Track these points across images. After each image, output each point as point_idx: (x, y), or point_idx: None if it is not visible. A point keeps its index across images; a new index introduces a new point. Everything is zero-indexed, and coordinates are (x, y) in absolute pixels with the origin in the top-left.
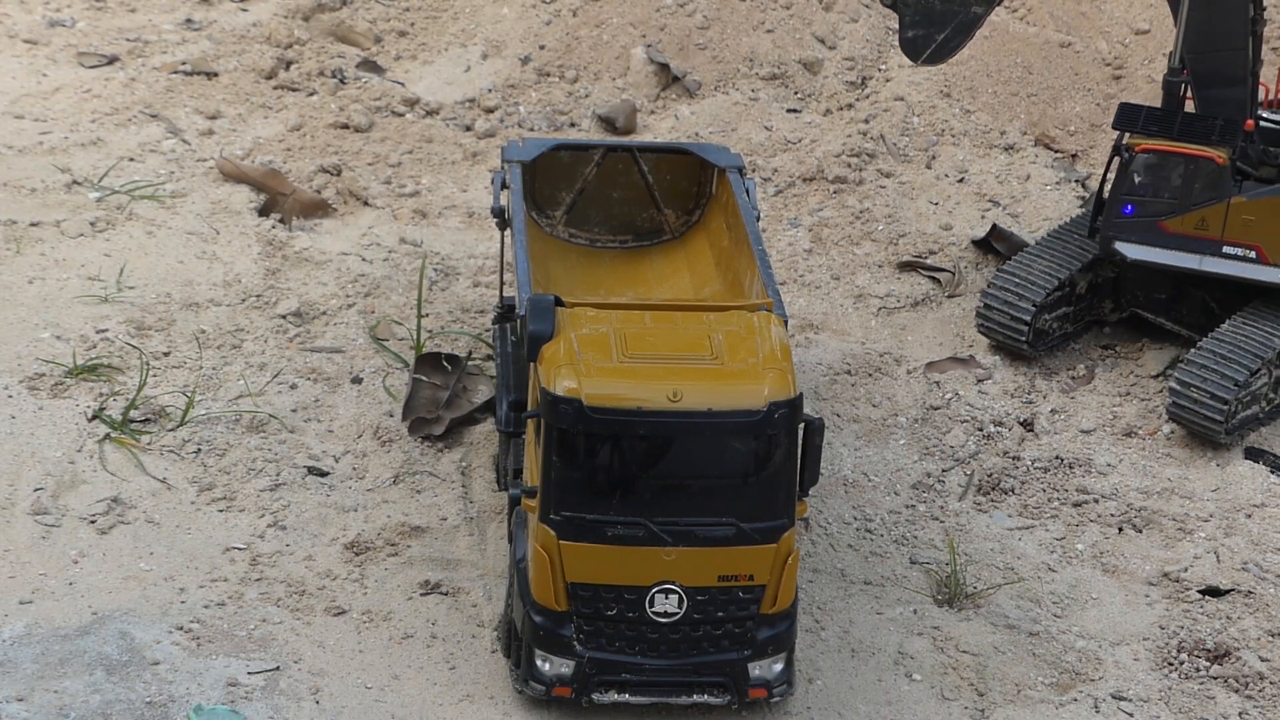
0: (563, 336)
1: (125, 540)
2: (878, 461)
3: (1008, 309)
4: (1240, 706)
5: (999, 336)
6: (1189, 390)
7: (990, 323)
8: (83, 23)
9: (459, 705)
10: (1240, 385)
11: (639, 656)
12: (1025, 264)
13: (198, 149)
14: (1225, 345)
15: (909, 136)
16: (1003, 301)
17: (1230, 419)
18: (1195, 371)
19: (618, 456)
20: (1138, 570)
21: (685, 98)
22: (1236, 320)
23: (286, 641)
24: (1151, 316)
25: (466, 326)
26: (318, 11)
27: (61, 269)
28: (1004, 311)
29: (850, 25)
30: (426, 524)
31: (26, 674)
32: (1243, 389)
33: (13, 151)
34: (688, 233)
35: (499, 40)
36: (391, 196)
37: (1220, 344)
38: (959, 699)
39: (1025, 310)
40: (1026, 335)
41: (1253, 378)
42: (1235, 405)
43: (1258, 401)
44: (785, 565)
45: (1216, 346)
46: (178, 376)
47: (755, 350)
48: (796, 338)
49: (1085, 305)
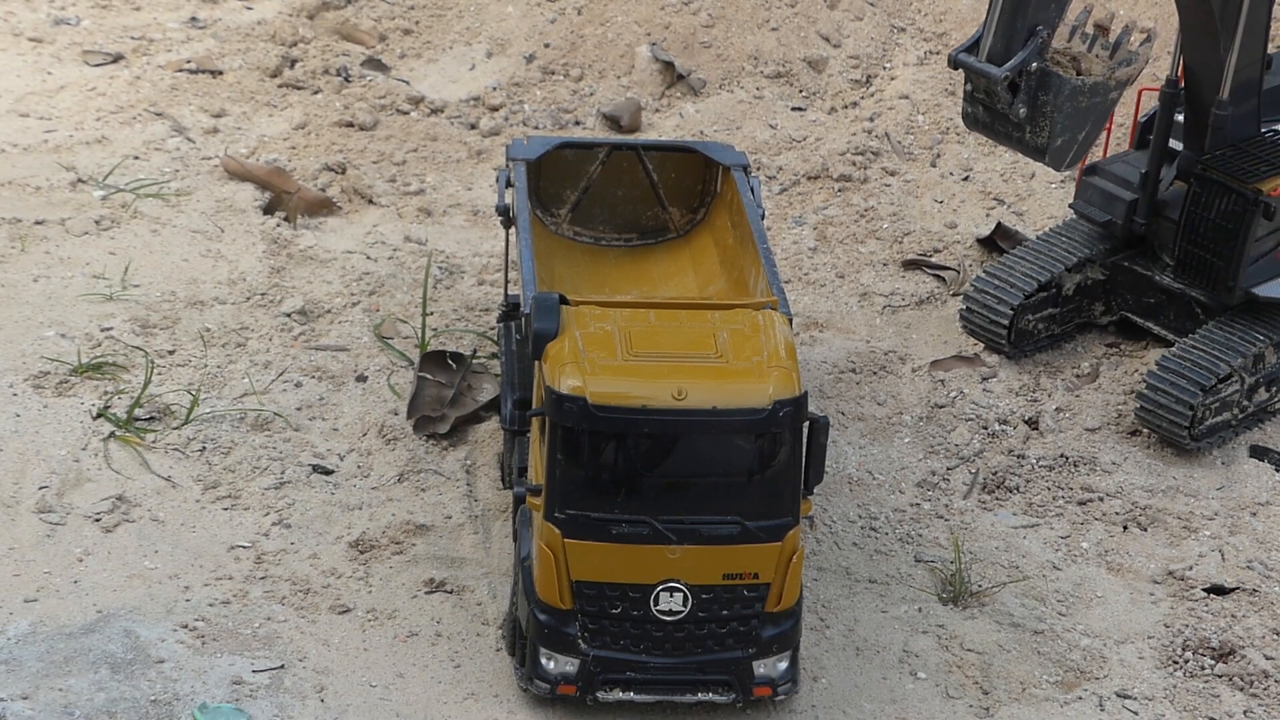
0: (567, 335)
1: (130, 538)
2: (882, 460)
3: (987, 311)
4: (1245, 705)
5: (981, 337)
6: (1155, 395)
7: (971, 323)
8: (87, 21)
9: (464, 703)
10: (1206, 391)
11: (644, 655)
12: (1008, 265)
13: (202, 147)
14: (1195, 351)
15: (914, 134)
16: (982, 304)
17: (1196, 425)
18: (1163, 377)
19: (622, 454)
20: (1142, 568)
21: (690, 96)
22: (1210, 327)
23: (291, 640)
24: (1140, 320)
25: (471, 325)
26: (322, 10)
27: (66, 267)
28: (983, 314)
29: (855, 23)
30: (431, 522)
31: (31, 672)
32: (1209, 395)
33: (17, 149)
34: (692, 231)
35: (504, 38)
36: (396, 195)
37: (1190, 350)
38: (964, 697)
39: (1003, 313)
40: (1007, 336)
41: (1221, 384)
42: (1201, 411)
43: (1229, 409)
44: (790, 563)
45: (1186, 352)
46: (182, 375)
47: (760, 348)
48: (801, 336)
49: (1074, 307)
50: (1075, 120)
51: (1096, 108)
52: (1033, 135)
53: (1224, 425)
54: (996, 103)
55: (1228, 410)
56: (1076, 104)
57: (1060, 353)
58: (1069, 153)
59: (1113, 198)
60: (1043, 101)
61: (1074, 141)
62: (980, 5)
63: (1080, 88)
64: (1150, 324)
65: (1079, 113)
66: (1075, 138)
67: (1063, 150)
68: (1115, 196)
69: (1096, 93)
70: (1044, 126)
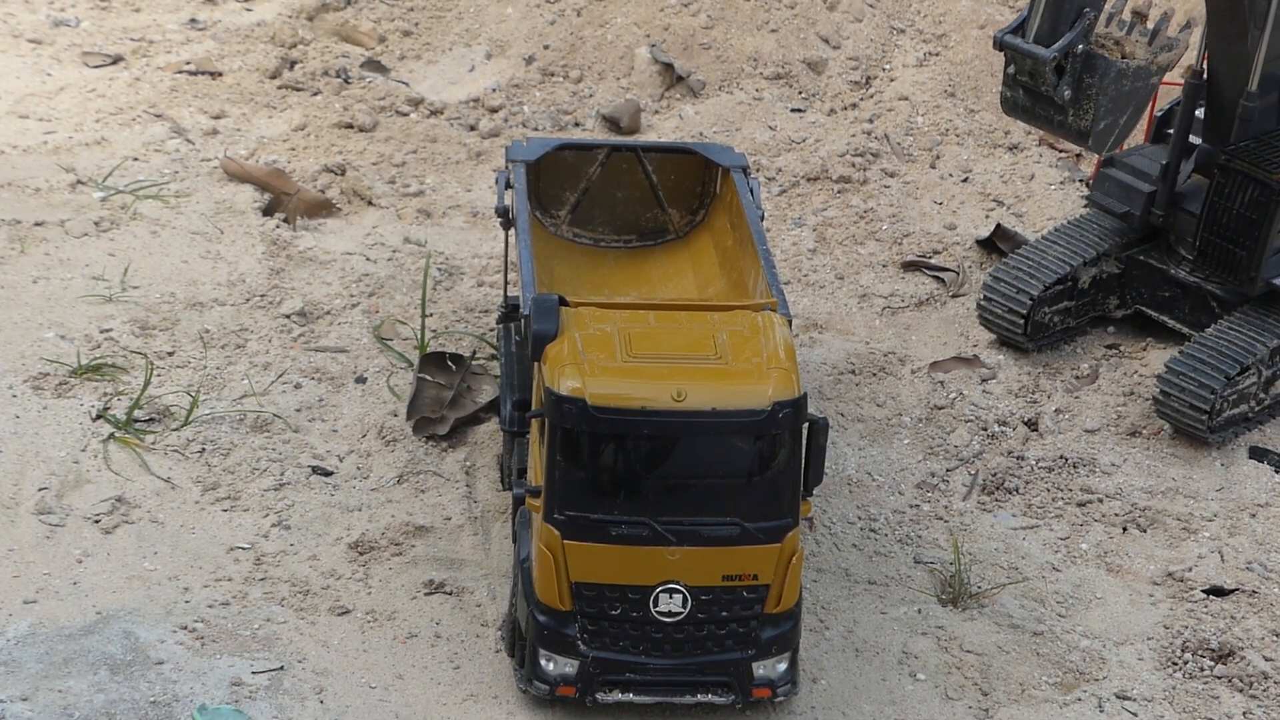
0: (567, 336)
1: (129, 540)
2: (882, 461)
3: (1006, 301)
4: (1244, 706)
5: (997, 328)
6: (1179, 381)
7: (989, 314)
8: (87, 22)
9: (463, 705)
10: (1229, 381)
11: (643, 656)
12: (1026, 257)
13: (202, 149)
14: (1214, 343)
15: (913, 136)
16: (1001, 294)
17: (1215, 417)
18: (1185, 365)
19: (622, 456)
20: (1142, 570)
21: (689, 97)
22: (1228, 320)
23: (290, 641)
24: (1155, 314)
25: (471, 326)
26: (322, 11)
27: (66, 269)
28: (1002, 304)
29: (854, 25)
30: (431, 524)
31: (30, 674)
32: (1229, 387)
33: (17, 151)
34: (692, 232)
35: (503, 40)
36: (396, 196)
37: (1209, 342)
38: (963, 698)
39: (1022, 303)
40: (1024, 327)
41: (1240, 376)
42: (1220, 403)
43: (1245, 401)
44: (789, 565)
45: (1206, 344)
46: (182, 376)
47: (759, 350)
48: (801, 337)
49: (1089, 300)
50: (1118, 103)
51: (1138, 92)
52: (1075, 118)
53: (1240, 418)
54: (1040, 85)
55: (1244, 403)
56: (1120, 87)
57: (1060, 354)
58: (1110, 136)
59: (1131, 190)
60: (1088, 84)
61: (1116, 125)
62: (980, 7)
63: (1125, 71)
64: (1165, 318)
65: (1122, 96)
66: (1117, 121)
67: (1105, 133)
68: (1133, 189)
69: (1139, 77)
70: (1088, 109)
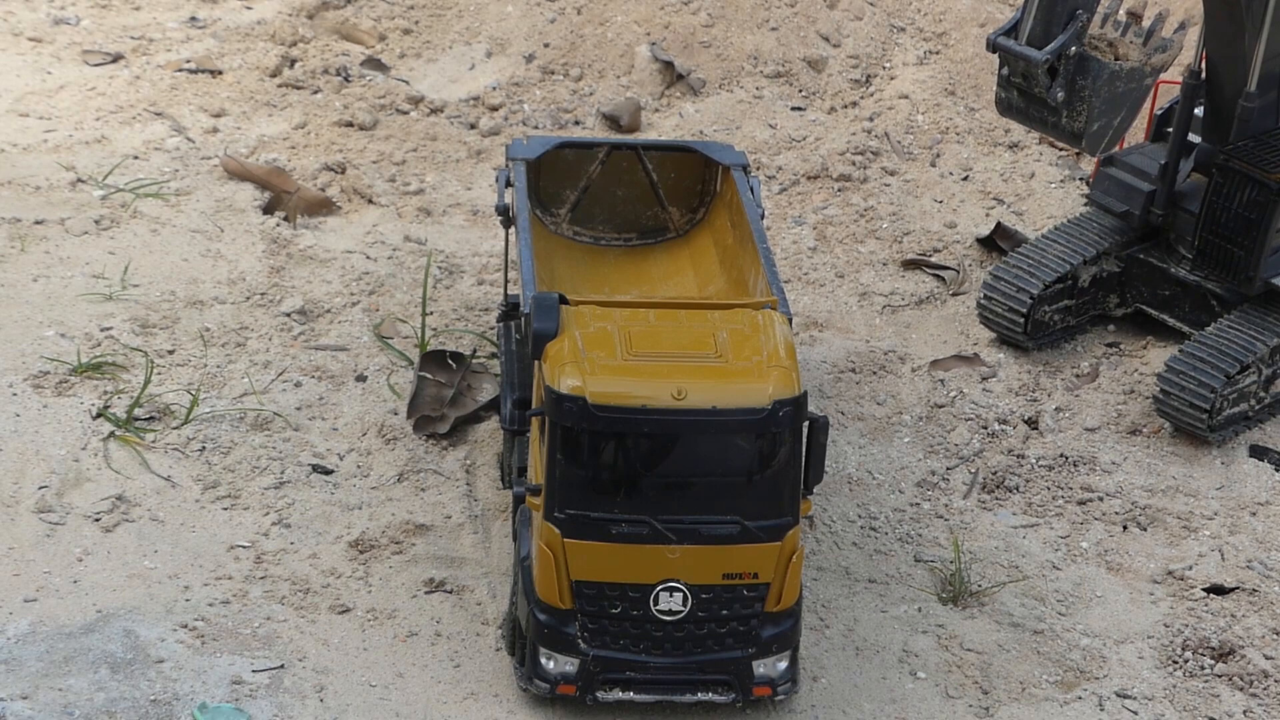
0: (567, 334)
1: (130, 538)
2: (882, 459)
3: (1006, 299)
4: (1245, 704)
5: (997, 327)
6: (1179, 379)
7: (989, 313)
8: (87, 20)
9: (463, 703)
10: (1229, 379)
11: (643, 654)
12: (1026, 255)
13: (202, 147)
14: (1214, 342)
15: (913, 134)
16: (1001, 292)
17: (1215, 415)
18: (1185, 363)
19: (622, 454)
20: (1142, 568)
21: (690, 95)
22: (1228, 319)
23: (291, 639)
24: (1155, 313)
25: (471, 324)
26: (322, 9)
27: (66, 267)
28: (1002, 302)
29: (855, 23)
30: (431, 522)
31: (31, 672)
32: (1229, 385)
33: (17, 149)
34: (692, 231)
35: (503, 38)
36: (396, 194)
37: (1209, 341)
38: (963, 697)
39: (1022, 301)
40: (1024, 326)
41: (1240, 375)
42: (1220, 401)
43: (1245, 399)
44: (790, 563)
45: (1206, 342)
46: (182, 374)
47: (760, 348)
48: (801, 335)
49: (1089, 299)
50: (1112, 105)
51: (1132, 93)
52: (1069, 120)
53: (1240, 417)
54: (1034, 87)
55: (1245, 401)
56: (1114, 89)
57: (1060, 352)
58: (1104, 138)
59: (1131, 188)
60: (1081, 86)
61: (1109, 126)
62: (980, 5)
63: (1118, 72)
64: (1165, 316)
65: (1116, 98)
66: (1111, 123)
67: (1099, 135)
68: (1133, 187)
69: (1133, 78)
70: (1081, 111)
